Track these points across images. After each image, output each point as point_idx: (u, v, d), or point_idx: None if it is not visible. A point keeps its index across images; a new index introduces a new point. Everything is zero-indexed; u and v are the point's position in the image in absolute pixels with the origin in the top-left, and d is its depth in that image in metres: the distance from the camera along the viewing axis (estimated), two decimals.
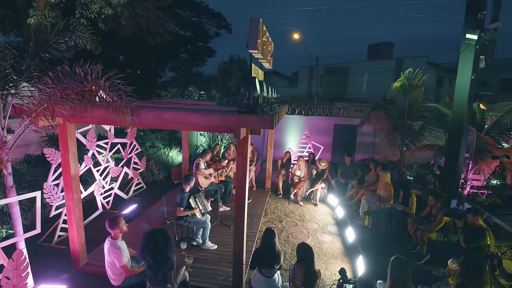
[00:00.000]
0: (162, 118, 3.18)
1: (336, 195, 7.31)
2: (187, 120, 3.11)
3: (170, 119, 3.17)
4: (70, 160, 4.05)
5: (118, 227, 3.52)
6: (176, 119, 3.15)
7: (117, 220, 3.53)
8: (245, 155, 3.42)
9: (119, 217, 3.60)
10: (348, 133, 11.35)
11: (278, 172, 7.97)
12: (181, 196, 4.62)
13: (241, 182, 3.48)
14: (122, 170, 7.03)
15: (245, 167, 3.45)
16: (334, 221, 6.43)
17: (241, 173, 3.46)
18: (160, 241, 2.74)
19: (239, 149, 3.38)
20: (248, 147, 3.40)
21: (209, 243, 4.87)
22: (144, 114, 3.22)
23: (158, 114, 3.19)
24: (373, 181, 6.80)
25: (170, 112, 3.17)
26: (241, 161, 3.42)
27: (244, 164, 3.43)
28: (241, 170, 3.45)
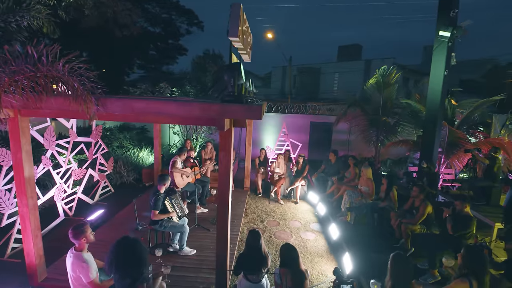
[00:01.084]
0: (133, 108, 2.78)
1: (317, 192, 7.21)
2: (162, 110, 2.75)
3: (142, 110, 2.78)
4: (24, 160, 3.48)
5: (84, 236, 3.06)
6: (149, 109, 2.77)
7: (83, 229, 3.07)
8: (229, 150, 3.12)
9: (85, 225, 3.14)
10: (324, 131, 11.41)
11: (256, 170, 7.73)
12: (156, 198, 4.20)
13: (224, 179, 3.17)
14: (86, 172, 6.38)
15: (228, 163, 3.14)
16: (316, 219, 6.30)
17: (224, 169, 3.15)
18: (131, 253, 2.34)
19: (222, 143, 3.07)
20: (232, 141, 3.10)
21: (187, 248, 4.49)
22: (112, 103, 2.80)
23: (127, 103, 2.79)
24: (352, 176, 6.78)
25: (142, 102, 2.79)
26: (224, 156, 3.12)
27: (228, 159, 3.13)
28: (224, 167, 3.15)
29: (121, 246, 2.46)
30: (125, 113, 2.82)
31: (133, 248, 2.43)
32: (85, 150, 6.46)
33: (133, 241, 2.56)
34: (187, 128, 9.01)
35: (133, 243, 2.48)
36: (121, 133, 10.89)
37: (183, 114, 2.76)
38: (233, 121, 3.10)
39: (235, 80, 2.72)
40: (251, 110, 2.69)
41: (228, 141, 3.08)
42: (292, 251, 2.91)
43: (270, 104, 10.98)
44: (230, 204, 3.41)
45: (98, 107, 2.81)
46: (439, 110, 6.68)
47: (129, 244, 2.46)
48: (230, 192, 3.32)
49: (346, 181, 6.80)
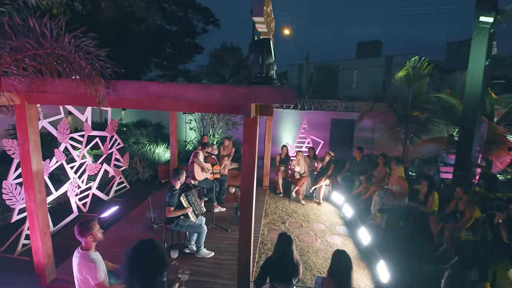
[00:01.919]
0: (148, 92, 2.43)
1: (342, 192, 6.70)
2: (180, 94, 2.38)
3: (158, 94, 2.42)
4: (31, 151, 3.22)
5: (90, 234, 2.75)
6: (166, 93, 2.41)
7: (90, 225, 2.75)
8: (254, 142, 2.72)
9: (92, 221, 2.82)
10: (346, 128, 10.85)
11: (276, 168, 7.30)
12: (171, 194, 3.87)
13: (249, 175, 2.78)
14: (101, 167, 6.17)
15: (253, 157, 2.75)
16: (342, 221, 5.81)
17: (248, 164, 2.76)
18: (147, 260, 1.92)
19: (247, 133, 2.68)
20: (256, 130, 2.70)
21: (204, 250, 4.13)
22: (124, 86, 2.47)
23: (142, 86, 2.44)
24: (382, 176, 6.24)
25: (158, 85, 2.43)
26: (249, 149, 2.72)
27: (252, 152, 2.73)
28: (249, 161, 2.75)
29: (137, 250, 2.01)
30: (138, 97, 2.47)
31: (150, 251, 1.96)
32: (100, 144, 6.25)
33: (151, 244, 2.09)
34: (204, 124, 8.71)
35: (151, 247, 1.99)
36: (138, 129, 10.76)
37: (202, 99, 2.38)
38: (259, 108, 2.70)
39: (264, 58, 2.32)
40: (282, 93, 2.28)
41: (253, 131, 2.68)
42: (347, 260, 2.46)
43: None
44: (254, 203, 3.01)
45: (108, 89, 2.47)
46: (479, 104, 6.03)
47: (145, 247, 1.98)
48: (254, 190, 2.92)
49: (375, 181, 6.26)
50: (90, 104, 3.04)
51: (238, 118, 9.21)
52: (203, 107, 2.73)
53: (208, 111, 2.81)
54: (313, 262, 4.29)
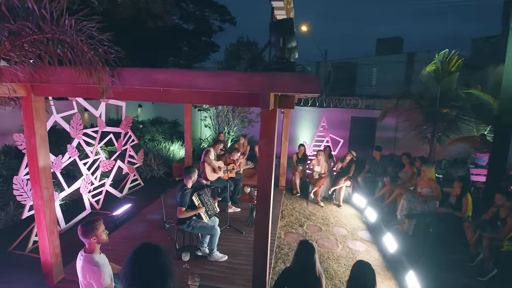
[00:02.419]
0: (155, 81, 2.19)
1: (363, 194, 6.29)
2: (190, 82, 2.12)
3: (166, 83, 2.18)
4: (38, 146, 3.09)
5: (94, 235, 2.55)
6: (175, 81, 2.16)
7: (94, 225, 2.55)
8: (272, 137, 2.44)
9: (97, 221, 2.62)
10: (367, 127, 10.34)
11: (293, 168, 6.97)
12: (182, 193, 3.65)
13: (266, 173, 2.50)
14: (115, 164, 6.07)
15: (271, 154, 2.46)
16: (364, 226, 5.41)
17: (265, 161, 2.47)
18: (149, 268, 1.66)
19: (265, 128, 2.39)
20: (275, 124, 2.41)
21: (217, 253, 3.89)
22: (129, 75, 2.24)
23: (148, 74, 2.21)
24: (408, 177, 5.78)
25: (166, 72, 2.19)
26: (266, 144, 2.43)
27: (270, 149, 2.45)
28: (266, 158, 2.46)
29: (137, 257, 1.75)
30: (145, 86, 2.24)
31: (154, 261, 1.70)
32: (114, 141, 6.15)
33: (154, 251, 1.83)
34: (219, 121, 8.50)
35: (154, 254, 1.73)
36: (154, 126, 10.72)
37: (216, 88, 2.11)
38: (278, 99, 2.40)
39: (285, 40, 2.02)
40: (306, 80, 1.97)
41: (272, 125, 2.39)
42: (369, 274, 2.16)
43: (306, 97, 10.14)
44: (271, 203, 2.72)
45: (113, 78, 2.25)
46: None
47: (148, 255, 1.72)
48: (271, 190, 2.64)
49: (401, 182, 5.82)
50: (98, 96, 2.85)
51: (254, 116, 8.94)
52: (216, 98, 2.46)
53: (222, 103, 2.55)
54: (334, 270, 3.95)
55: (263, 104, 2.03)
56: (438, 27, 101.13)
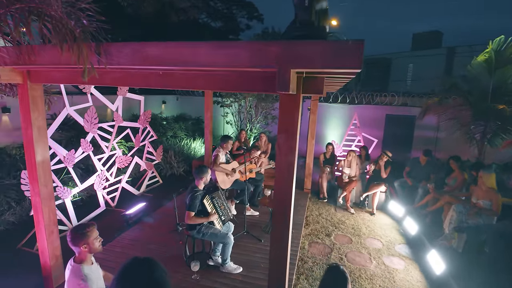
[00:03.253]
0: (146, 57, 1.75)
1: (401, 202, 5.52)
2: (189, 57, 1.66)
3: (159, 59, 1.73)
4: (35, 138, 2.81)
5: (85, 243, 2.18)
6: (169, 56, 1.71)
7: (85, 231, 2.18)
8: (293, 131, 1.91)
9: (89, 227, 2.25)
10: (404, 125, 9.37)
11: (321, 170, 6.34)
12: (192, 196, 3.22)
13: (285, 174, 1.98)
14: (131, 160, 5.84)
15: (292, 151, 1.94)
16: (402, 239, 4.68)
17: (285, 160, 1.95)
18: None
19: (284, 118, 1.88)
20: (298, 114, 1.88)
21: (231, 264, 3.43)
22: (117, 50, 1.82)
23: (138, 49, 1.77)
24: (458, 184, 4.94)
25: (158, 46, 1.74)
26: (287, 140, 1.91)
27: (292, 145, 1.93)
28: (286, 155, 1.95)
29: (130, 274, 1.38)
30: (135, 65, 1.81)
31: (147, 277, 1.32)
32: (132, 136, 5.92)
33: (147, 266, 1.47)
34: (241, 118, 8.06)
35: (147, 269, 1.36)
36: (177, 123, 10.57)
37: (221, 65, 1.62)
38: (302, 81, 1.86)
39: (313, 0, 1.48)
40: (342, 49, 1.41)
41: (294, 116, 1.87)
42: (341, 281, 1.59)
43: (336, 93, 9.40)
44: (292, 210, 2.19)
45: (100, 57, 1.85)
46: None
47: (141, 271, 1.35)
48: (292, 194, 2.11)
49: (449, 190, 4.99)
50: (96, 82, 2.49)
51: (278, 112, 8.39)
52: (224, 80, 1.98)
53: (232, 87, 2.06)
54: None
55: (280, 84, 1.50)
56: (479, 21, 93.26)
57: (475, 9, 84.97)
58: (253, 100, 7.74)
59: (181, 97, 11.96)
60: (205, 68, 1.75)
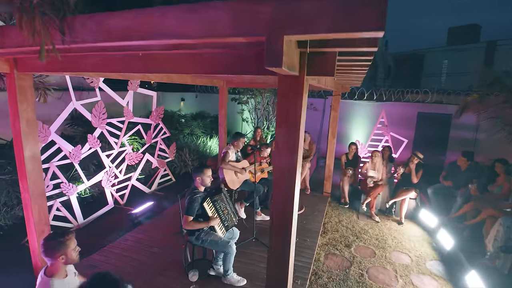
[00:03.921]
0: (109, 31, 1.43)
1: (434, 211, 4.87)
2: (157, 27, 1.30)
3: (125, 32, 1.40)
4: (23, 132, 2.62)
5: (64, 254, 1.92)
6: (134, 28, 1.37)
7: (65, 240, 1.93)
8: (295, 123, 1.50)
9: (69, 234, 2.00)
10: (438, 125, 8.51)
11: (342, 172, 5.80)
12: (190, 198, 2.90)
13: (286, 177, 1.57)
14: (142, 157, 5.67)
15: (294, 149, 1.52)
16: (435, 254, 4.06)
17: (285, 160, 1.54)
18: None
19: (283, 105, 1.48)
20: (301, 99, 1.46)
21: (233, 275, 3.06)
22: (82, 25, 1.51)
23: (101, 22, 1.45)
24: (504, 192, 4.23)
25: (122, 16, 1.40)
26: (286, 136, 1.50)
27: (293, 140, 1.51)
28: (285, 155, 1.53)
29: None
30: (99, 41, 1.49)
31: None
32: (143, 133, 5.75)
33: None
34: (258, 115, 7.68)
35: None
36: (195, 120, 10.41)
37: (196, 35, 1.25)
38: (307, 58, 1.44)
39: None
40: (354, 4, 0.98)
41: (295, 103, 1.46)
42: None
43: (361, 89, 8.73)
44: (295, 218, 1.78)
45: (64, 35, 1.55)
46: None
47: None
48: (295, 199, 1.69)
49: (493, 199, 4.28)
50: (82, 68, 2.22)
51: None
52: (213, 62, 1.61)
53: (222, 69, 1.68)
54: None
55: (269, 57, 1.10)
56: None
57: None
58: (270, 96, 7.32)
59: (200, 94, 11.81)
60: (177, 42, 1.39)
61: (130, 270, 3.33)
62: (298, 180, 1.58)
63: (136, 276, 3.22)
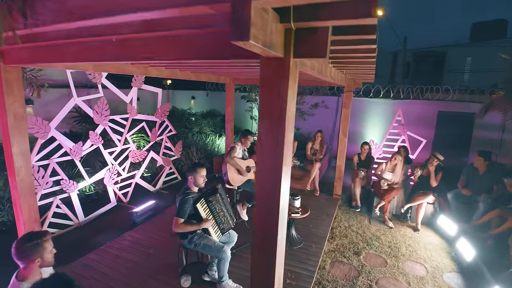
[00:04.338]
0: (70, 9, 1.25)
1: (454, 218, 4.47)
2: (115, 2, 1.11)
3: (83, 9, 1.22)
4: (11, 127, 2.53)
5: (40, 256, 1.80)
6: (94, 4, 1.18)
7: (42, 242, 1.82)
8: (281, 116, 1.26)
9: (47, 235, 1.88)
10: (460, 124, 7.97)
11: (354, 173, 5.47)
12: (182, 199, 2.72)
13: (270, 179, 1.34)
14: (147, 155, 5.57)
15: (279, 146, 1.29)
16: (454, 265, 3.70)
17: (268, 159, 1.31)
18: None
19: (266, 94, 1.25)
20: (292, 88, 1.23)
21: (228, 282, 2.86)
22: (42, 5, 1.35)
23: (61, 0, 1.27)
24: None
25: None
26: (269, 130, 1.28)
27: (277, 138, 1.27)
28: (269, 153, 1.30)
29: None
30: (60, 21, 1.31)
31: None
32: (148, 130, 5.65)
33: None
34: None
35: None
36: (205, 119, 10.31)
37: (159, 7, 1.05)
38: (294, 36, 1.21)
39: None
40: None
41: (280, 91, 1.23)
42: None
43: (377, 87, 8.30)
44: (283, 228, 1.54)
45: (26, 19, 1.39)
46: None
47: None
48: (281, 203, 1.45)
49: None
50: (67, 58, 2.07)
51: (307, 107, 7.59)
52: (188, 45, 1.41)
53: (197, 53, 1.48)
54: None
55: (234, 30, 0.88)
56: None
57: None
58: None
59: (211, 92, 11.71)
60: (141, 17, 1.19)
61: (123, 272, 3.20)
62: (284, 182, 1.35)
63: (129, 278, 3.08)
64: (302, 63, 1.50)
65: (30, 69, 3.09)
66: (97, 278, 3.10)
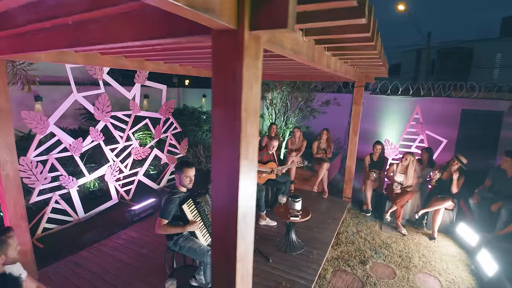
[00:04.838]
0: None
1: (475, 226, 4.03)
2: None
3: None
4: None
5: (4, 253, 1.79)
6: None
7: (6, 238, 1.86)
8: (236, 101, 1.04)
9: (11, 232, 1.83)
10: (487, 124, 7.36)
11: (365, 175, 5.12)
12: (167, 199, 2.56)
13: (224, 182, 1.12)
14: (150, 152, 5.49)
15: (236, 138, 1.06)
16: (473, 280, 3.30)
17: (223, 158, 1.09)
18: None
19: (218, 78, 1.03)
20: (252, 68, 1.00)
21: None
22: None
23: None
24: None
25: None
26: (222, 122, 1.05)
27: (234, 128, 1.05)
28: (224, 150, 1.08)
29: None
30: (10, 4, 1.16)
31: None
32: (151, 127, 5.58)
33: None
34: (275, 111, 7.17)
35: None
36: None
37: None
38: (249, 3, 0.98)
39: None
40: None
41: (234, 71, 1.00)
42: None
43: (396, 83, 7.82)
44: (246, 234, 1.38)
45: None
46: None
47: None
48: (240, 212, 1.22)
49: None
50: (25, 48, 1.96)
51: (317, 104, 7.24)
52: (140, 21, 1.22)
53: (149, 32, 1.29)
54: None
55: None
56: None
57: None
58: (287, 89, 6.80)
59: None
60: None
61: (112, 272, 3.09)
62: (245, 183, 1.12)
63: (117, 279, 2.97)
64: (274, 42, 1.27)
65: (20, 63, 3.04)
66: (86, 277, 3.02)
